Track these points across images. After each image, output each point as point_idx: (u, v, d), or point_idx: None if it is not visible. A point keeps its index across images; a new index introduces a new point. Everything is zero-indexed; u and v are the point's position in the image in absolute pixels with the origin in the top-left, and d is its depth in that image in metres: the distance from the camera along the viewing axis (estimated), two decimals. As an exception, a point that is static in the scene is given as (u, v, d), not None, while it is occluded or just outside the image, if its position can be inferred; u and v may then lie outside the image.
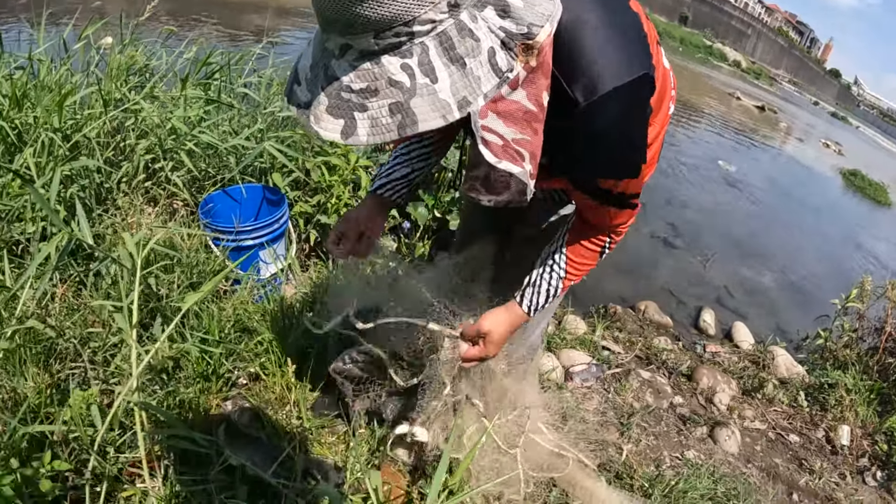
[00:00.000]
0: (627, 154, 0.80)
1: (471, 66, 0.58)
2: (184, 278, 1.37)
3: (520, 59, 0.60)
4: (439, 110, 0.57)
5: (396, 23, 0.53)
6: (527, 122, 0.67)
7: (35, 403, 1.08)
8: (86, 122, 1.66)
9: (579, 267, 1.01)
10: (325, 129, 0.58)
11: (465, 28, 0.57)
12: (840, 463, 2.12)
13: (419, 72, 0.56)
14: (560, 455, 1.43)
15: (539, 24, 0.59)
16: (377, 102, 0.57)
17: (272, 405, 1.32)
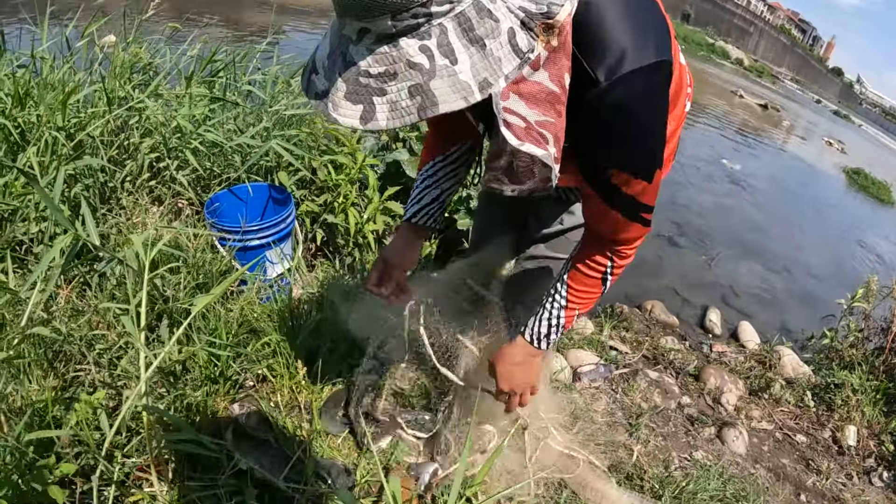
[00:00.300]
0: (643, 144, 0.76)
1: (491, 47, 0.56)
2: (190, 279, 1.35)
3: (540, 39, 0.59)
4: (460, 92, 0.56)
5: (414, 4, 0.52)
6: (550, 103, 0.65)
7: (40, 407, 1.07)
8: (89, 120, 1.65)
9: (581, 296, 0.98)
10: (343, 116, 0.57)
11: (484, 8, 0.55)
12: (847, 463, 2.11)
13: (438, 53, 0.55)
14: (571, 456, 1.42)
15: (559, 3, 0.58)
16: (396, 86, 0.56)
17: (280, 407, 1.31)
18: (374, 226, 1.89)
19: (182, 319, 1.24)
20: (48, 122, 1.51)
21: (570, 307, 0.98)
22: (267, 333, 1.35)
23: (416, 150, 2.12)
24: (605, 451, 1.54)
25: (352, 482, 1.19)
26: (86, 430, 1.01)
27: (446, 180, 1.10)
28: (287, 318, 1.39)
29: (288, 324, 1.37)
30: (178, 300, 1.32)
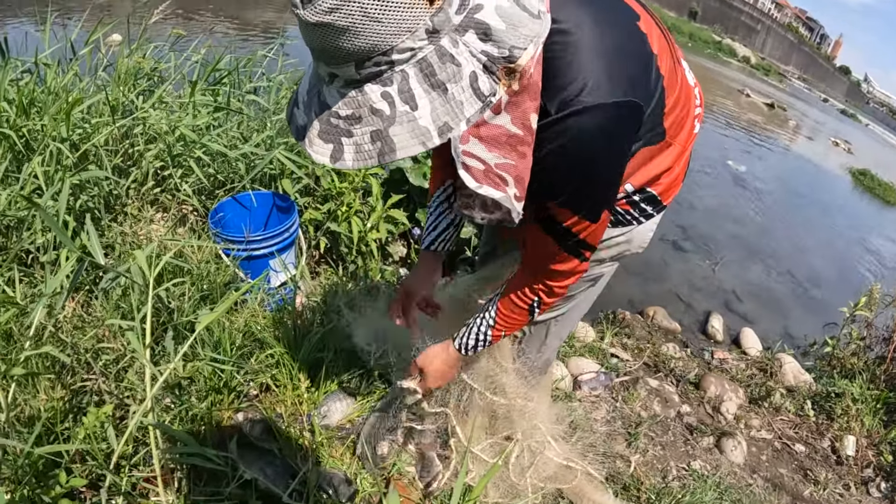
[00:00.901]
0: (589, 183, 0.75)
1: (452, 92, 0.58)
2: (195, 290, 1.37)
3: (502, 83, 0.60)
4: (418, 137, 0.58)
5: (375, 53, 0.55)
6: (510, 146, 0.67)
7: (49, 419, 1.09)
8: (94, 131, 1.66)
9: (507, 321, 1.00)
10: (316, 153, 0.61)
11: (447, 53, 0.57)
12: (845, 474, 2.12)
13: (399, 100, 0.58)
14: (568, 467, 1.44)
15: (521, 47, 0.58)
16: (361, 129, 0.59)
17: (284, 418, 1.33)
18: (377, 234, 1.90)
19: (186, 332, 1.25)
20: (53, 133, 1.52)
21: (497, 328, 1.01)
22: (270, 345, 1.36)
23: (418, 158, 2.13)
24: (603, 462, 1.55)
25: (352, 492, 1.20)
26: (93, 443, 1.03)
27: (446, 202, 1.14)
28: (290, 328, 1.41)
29: (291, 334, 1.39)
30: (182, 311, 1.34)
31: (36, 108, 1.67)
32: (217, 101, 2.00)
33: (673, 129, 0.87)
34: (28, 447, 0.87)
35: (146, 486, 1.08)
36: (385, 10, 0.52)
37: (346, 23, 0.52)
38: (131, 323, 1.04)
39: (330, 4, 0.52)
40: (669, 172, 0.94)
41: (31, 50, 2.14)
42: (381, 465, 1.27)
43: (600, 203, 0.79)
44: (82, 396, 1.21)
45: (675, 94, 0.84)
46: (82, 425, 1.03)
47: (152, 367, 1.00)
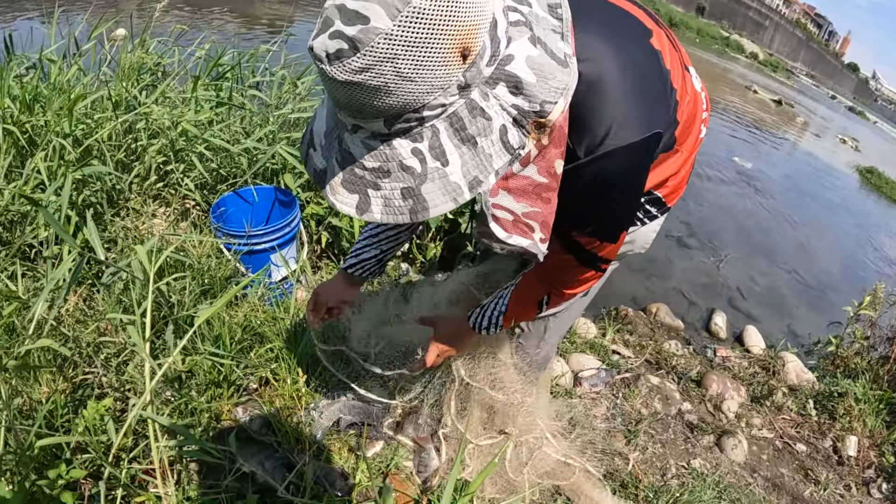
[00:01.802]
0: (611, 216, 0.78)
1: (482, 145, 0.57)
2: (195, 285, 1.37)
3: (532, 137, 0.59)
4: (450, 193, 0.57)
5: (406, 111, 0.53)
6: (537, 194, 0.67)
7: (50, 411, 1.10)
8: (97, 126, 1.67)
9: (518, 310, 1.02)
10: (340, 203, 0.59)
11: (477, 107, 0.56)
12: (846, 474, 2.11)
13: (430, 156, 0.56)
14: (566, 463, 1.44)
15: (552, 101, 0.57)
16: (390, 184, 0.57)
17: (283, 411, 1.34)
18: (377, 229, 1.90)
19: (187, 326, 1.26)
20: (56, 128, 1.53)
21: (508, 315, 1.03)
22: (270, 339, 1.37)
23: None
24: (601, 459, 1.56)
25: (350, 486, 1.21)
26: (93, 436, 1.04)
27: (388, 242, 1.15)
28: (289, 322, 1.41)
29: (290, 329, 1.39)
30: (183, 305, 1.34)
31: (40, 104, 1.68)
32: (219, 96, 2.00)
33: (682, 137, 0.88)
34: (31, 435, 0.88)
35: (145, 478, 1.09)
36: (419, 69, 0.50)
37: (377, 83, 0.50)
38: (132, 317, 1.05)
39: (361, 64, 0.49)
40: (675, 176, 0.95)
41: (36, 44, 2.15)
42: None
43: (622, 227, 0.81)
44: (84, 389, 1.23)
45: (686, 105, 0.85)
46: (82, 418, 1.04)
47: (151, 360, 1.00)
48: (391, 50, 0.49)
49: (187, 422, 1.19)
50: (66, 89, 1.71)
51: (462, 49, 0.52)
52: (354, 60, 0.49)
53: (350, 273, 1.18)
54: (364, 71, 0.49)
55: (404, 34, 0.48)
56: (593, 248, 0.82)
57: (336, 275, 1.23)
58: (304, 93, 2.27)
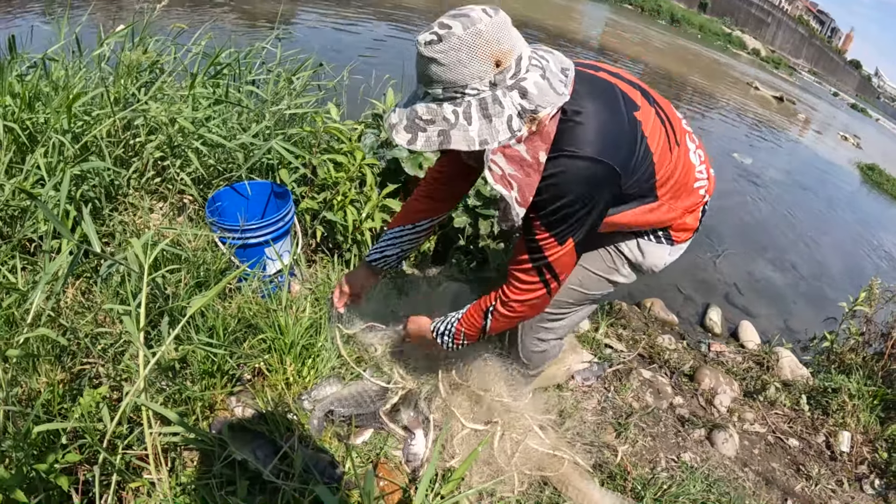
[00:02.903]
0: (563, 213, 1.01)
1: (495, 123, 0.93)
2: (190, 278, 1.40)
3: (527, 125, 0.94)
4: (466, 142, 0.94)
5: (456, 85, 0.92)
6: (520, 165, 0.97)
7: (48, 400, 1.12)
8: (95, 122, 1.69)
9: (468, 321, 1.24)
10: (398, 137, 0.97)
11: (497, 100, 0.93)
12: (838, 469, 2.12)
13: (462, 117, 0.93)
14: (555, 455, 1.46)
15: (544, 106, 0.94)
16: (432, 128, 0.95)
17: (274, 401, 1.36)
18: (371, 223, 1.92)
19: (181, 317, 1.28)
20: (55, 125, 1.55)
21: (460, 322, 1.25)
22: (263, 330, 1.39)
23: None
24: (590, 451, 1.58)
25: (339, 475, 1.23)
26: (89, 422, 1.06)
27: (408, 244, 1.44)
28: (283, 314, 1.44)
29: (283, 320, 1.41)
30: (178, 297, 1.37)
31: (40, 102, 1.70)
32: (217, 93, 2.02)
33: (668, 195, 1.16)
34: (29, 421, 0.91)
35: (139, 464, 1.12)
36: (470, 60, 0.89)
37: (445, 61, 0.89)
38: (127, 308, 1.07)
39: (440, 48, 0.89)
40: (674, 221, 1.24)
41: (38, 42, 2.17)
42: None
43: (567, 230, 1.04)
44: (81, 379, 1.25)
45: (670, 169, 1.12)
46: (79, 405, 1.06)
47: (145, 349, 1.03)
48: (458, 45, 0.88)
49: (181, 410, 1.22)
50: (65, 87, 1.73)
51: (496, 60, 0.91)
52: (437, 45, 0.89)
53: (373, 264, 1.45)
54: (440, 53, 0.89)
55: (467, 40, 0.88)
56: (543, 242, 1.05)
57: (360, 265, 1.49)
58: (300, 89, 2.29)
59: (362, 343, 1.57)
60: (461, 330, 1.24)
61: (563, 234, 1.03)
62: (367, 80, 2.73)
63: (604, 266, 1.31)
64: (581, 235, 1.06)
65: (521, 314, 1.17)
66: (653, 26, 29.09)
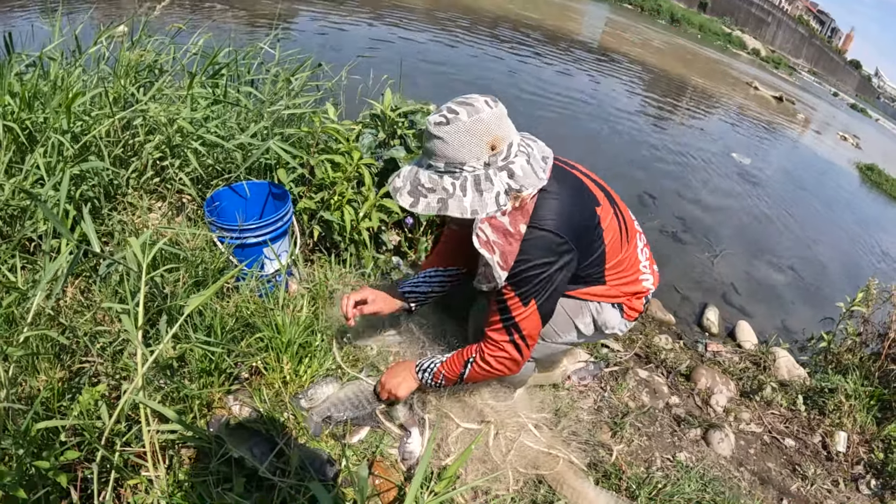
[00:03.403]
0: (526, 276, 1.17)
1: (485, 197, 1.11)
2: (188, 277, 1.41)
3: (511, 201, 1.13)
4: (460, 210, 1.11)
5: (455, 162, 1.10)
6: (504, 234, 1.14)
7: (47, 397, 1.13)
8: (94, 122, 1.70)
9: (449, 365, 1.34)
10: (402, 200, 1.13)
11: (489, 178, 1.12)
12: (834, 469, 2.12)
13: (459, 189, 1.11)
14: (549, 453, 1.47)
15: (527, 188, 1.13)
16: (433, 196, 1.12)
17: (272, 400, 1.37)
18: (368, 223, 1.93)
19: (180, 316, 1.29)
20: (54, 125, 1.56)
21: (442, 364, 1.36)
22: (260, 329, 1.40)
23: (411, 148, 2.15)
24: (585, 450, 1.59)
25: (335, 472, 1.25)
26: (87, 420, 1.07)
27: (438, 286, 1.55)
28: (280, 313, 1.45)
29: (281, 319, 1.42)
30: (176, 296, 1.38)
31: (39, 102, 1.71)
32: (215, 93, 2.03)
33: (614, 281, 1.39)
34: (28, 419, 0.92)
35: (137, 461, 1.12)
36: (469, 143, 1.08)
37: (449, 140, 1.08)
38: (126, 306, 1.08)
39: (446, 130, 1.08)
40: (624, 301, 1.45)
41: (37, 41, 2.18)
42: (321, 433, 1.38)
43: (530, 291, 1.19)
44: (80, 378, 1.26)
45: (618, 260, 1.35)
46: (78, 403, 1.07)
47: (143, 347, 1.04)
48: (462, 129, 1.07)
49: (179, 408, 1.23)
50: (65, 87, 1.74)
51: (492, 145, 1.09)
52: (444, 126, 1.08)
53: (404, 295, 1.53)
54: (446, 133, 1.08)
55: (470, 126, 1.07)
56: (509, 301, 1.21)
57: (391, 289, 1.54)
58: (298, 89, 2.30)
59: (358, 344, 1.58)
60: (441, 372, 1.34)
61: (527, 294, 1.19)
62: (364, 80, 2.74)
63: (572, 305, 1.43)
64: (543, 299, 1.21)
65: (497, 370, 1.29)
66: (653, 26, 29.09)
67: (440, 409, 1.43)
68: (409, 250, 2.22)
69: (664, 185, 5.66)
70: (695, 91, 13.44)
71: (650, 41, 21.21)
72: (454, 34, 10.15)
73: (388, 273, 1.97)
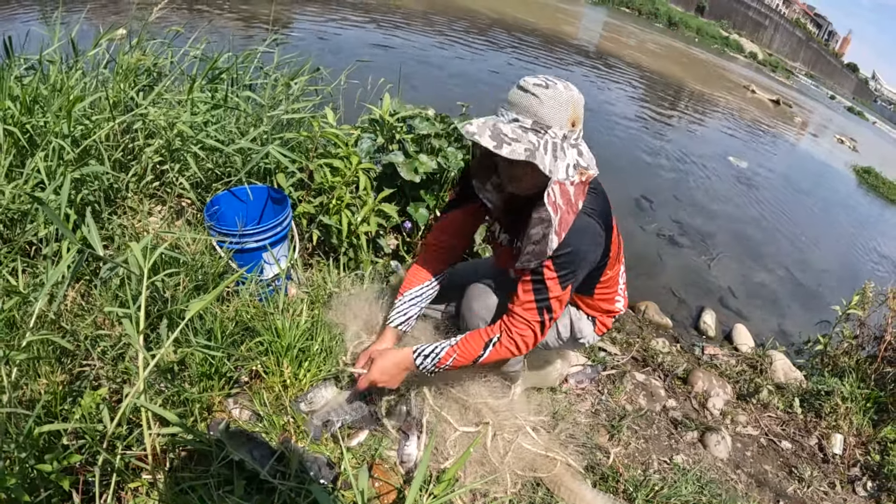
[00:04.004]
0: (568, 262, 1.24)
1: (558, 163, 1.17)
2: (188, 281, 1.42)
3: (578, 176, 1.20)
4: (542, 164, 1.14)
5: (543, 123, 1.15)
6: (567, 202, 1.21)
7: (48, 401, 1.14)
8: (95, 126, 1.71)
9: (464, 346, 1.33)
10: (483, 139, 1.13)
11: (563, 148, 1.18)
12: (831, 472, 2.14)
13: (541, 146, 1.15)
14: (547, 456, 1.48)
15: (591, 169, 1.23)
16: (518, 145, 1.13)
17: (271, 403, 1.38)
18: (367, 227, 1.95)
19: (180, 320, 1.30)
20: (55, 129, 1.57)
21: (453, 348, 1.33)
22: (260, 333, 1.41)
23: (410, 153, 2.16)
24: (582, 452, 1.60)
25: (334, 475, 1.25)
26: (89, 423, 1.08)
27: (426, 300, 1.54)
28: (280, 317, 1.46)
29: (280, 323, 1.43)
30: (177, 300, 1.39)
31: (39, 105, 1.72)
32: (215, 97, 2.04)
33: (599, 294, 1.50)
34: (31, 422, 0.93)
35: (139, 464, 1.13)
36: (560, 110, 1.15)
37: (546, 101, 1.13)
38: (127, 311, 1.09)
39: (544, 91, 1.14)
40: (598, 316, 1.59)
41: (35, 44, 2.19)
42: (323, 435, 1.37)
43: (569, 276, 1.25)
44: (81, 381, 1.27)
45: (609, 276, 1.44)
46: (79, 406, 1.08)
47: (145, 352, 1.05)
48: (558, 96, 1.14)
49: (179, 411, 1.24)
50: (65, 90, 1.75)
51: (573, 121, 1.17)
52: (543, 88, 1.14)
53: (397, 329, 1.51)
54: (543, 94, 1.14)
55: (565, 96, 1.15)
56: (551, 282, 1.25)
57: (385, 335, 1.51)
58: (298, 93, 2.32)
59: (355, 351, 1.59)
60: (452, 356, 1.32)
61: (566, 277, 1.25)
62: (363, 83, 2.76)
63: None
64: (575, 284, 1.29)
65: (519, 350, 1.31)
66: (650, 29, 29.21)
67: (438, 411, 1.44)
68: (408, 254, 2.23)
69: (661, 189, 5.68)
70: (692, 94, 13.50)
71: (648, 44, 21.29)
72: (452, 38, 10.20)
73: (387, 277, 1.98)
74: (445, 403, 1.46)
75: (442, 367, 1.33)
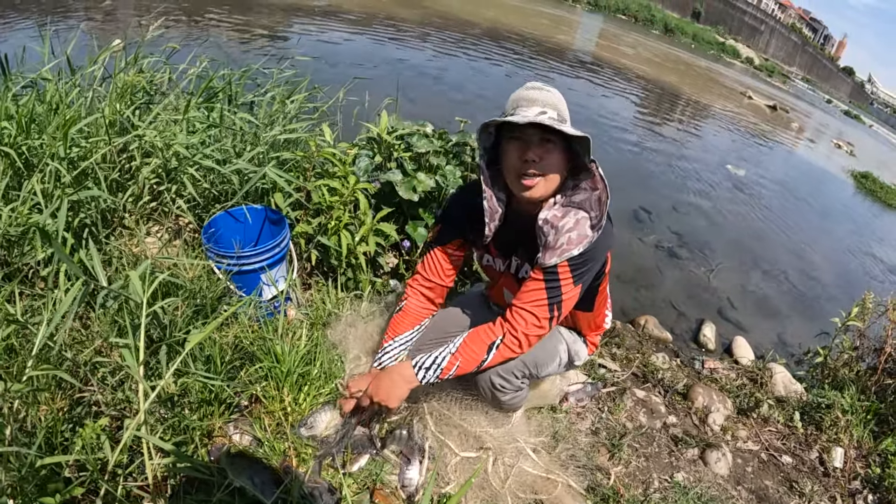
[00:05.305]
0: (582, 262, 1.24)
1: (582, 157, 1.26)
2: (187, 307, 1.42)
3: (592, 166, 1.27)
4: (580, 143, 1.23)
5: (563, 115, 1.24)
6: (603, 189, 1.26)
7: (49, 427, 1.14)
8: (92, 147, 1.71)
9: (467, 351, 1.30)
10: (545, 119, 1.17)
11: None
12: (832, 485, 2.13)
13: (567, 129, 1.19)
14: (548, 478, 1.48)
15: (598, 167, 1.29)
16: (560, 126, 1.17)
17: (271, 428, 1.38)
18: (365, 247, 1.95)
19: (179, 348, 1.30)
20: (51, 150, 1.57)
21: (455, 355, 1.30)
22: (259, 358, 1.41)
23: (408, 171, 2.17)
24: (583, 473, 1.59)
25: (336, 501, 1.25)
26: (90, 454, 1.08)
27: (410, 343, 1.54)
28: (278, 343, 1.46)
29: (280, 347, 1.43)
30: (176, 325, 1.38)
31: (35, 125, 1.72)
32: (211, 117, 2.05)
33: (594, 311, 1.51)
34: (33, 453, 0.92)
35: (140, 493, 1.13)
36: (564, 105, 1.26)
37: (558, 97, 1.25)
38: (127, 341, 1.09)
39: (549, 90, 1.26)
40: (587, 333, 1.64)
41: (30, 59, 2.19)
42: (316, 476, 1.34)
43: (583, 276, 1.25)
44: (81, 408, 1.27)
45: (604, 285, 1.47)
46: (80, 436, 1.08)
47: (145, 383, 1.05)
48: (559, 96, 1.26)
49: (180, 439, 1.23)
50: (61, 111, 1.75)
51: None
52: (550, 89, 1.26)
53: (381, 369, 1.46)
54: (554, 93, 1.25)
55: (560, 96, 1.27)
56: (563, 279, 1.24)
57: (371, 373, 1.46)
58: (294, 112, 2.32)
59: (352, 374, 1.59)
60: (455, 363, 1.29)
61: (580, 276, 1.25)
62: (361, 99, 2.77)
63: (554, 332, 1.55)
64: (586, 284, 1.28)
65: (525, 348, 1.30)
66: (647, 36, 29.38)
67: (438, 436, 1.43)
68: (406, 272, 2.23)
69: (659, 200, 5.69)
70: (688, 102, 13.56)
71: (644, 51, 21.41)
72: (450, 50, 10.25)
73: (386, 296, 1.98)
74: (446, 429, 1.45)
75: (445, 377, 1.30)
